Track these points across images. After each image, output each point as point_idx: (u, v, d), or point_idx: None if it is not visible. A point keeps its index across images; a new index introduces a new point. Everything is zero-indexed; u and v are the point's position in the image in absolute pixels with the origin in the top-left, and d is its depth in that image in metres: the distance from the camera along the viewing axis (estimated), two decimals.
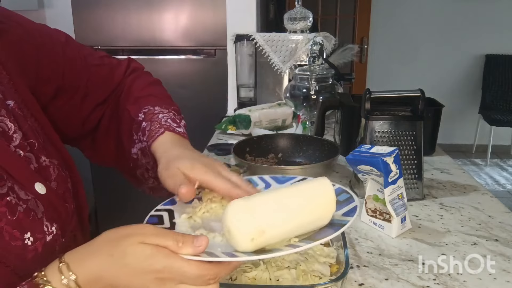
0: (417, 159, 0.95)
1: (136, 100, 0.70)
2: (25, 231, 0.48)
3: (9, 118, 0.53)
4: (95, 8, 2.09)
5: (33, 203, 0.50)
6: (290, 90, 1.38)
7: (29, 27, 0.64)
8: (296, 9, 1.62)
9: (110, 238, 0.45)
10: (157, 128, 0.64)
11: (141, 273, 0.43)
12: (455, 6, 4.06)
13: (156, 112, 0.68)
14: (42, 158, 0.55)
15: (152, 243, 0.43)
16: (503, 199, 2.38)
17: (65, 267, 0.43)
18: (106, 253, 0.44)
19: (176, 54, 2.13)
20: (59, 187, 0.56)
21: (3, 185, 0.48)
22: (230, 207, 0.47)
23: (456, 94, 4.23)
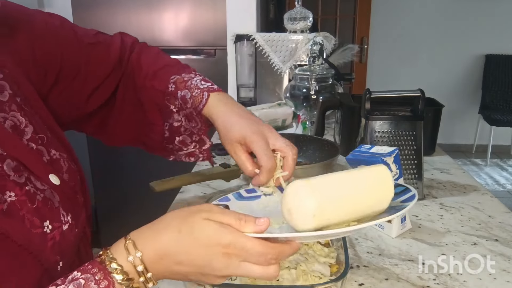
0: (417, 159, 0.95)
1: (155, 74, 0.72)
2: (44, 219, 0.49)
3: (20, 113, 0.54)
4: (95, 8, 2.09)
5: (49, 193, 0.52)
6: (290, 90, 1.38)
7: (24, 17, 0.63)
8: (296, 9, 1.62)
9: (177, 215, 0.47)
10: (199, 93, 0.69)
11: (207, 246, 0.44)
12: (455, 6, 4.05)
13: (186, 79, 0.71)
14: (53, 152, 0.57)
15: (217, 220, 0.45)
16: (503, 199, 2.38)
17: (131, 245, 0.45)
18: (174, 229, 0.45)
19: (176, 54, 2.12)
20: (70, 179, 0.57)
21: (21, 175, 0.49)
22: (291, 186, 0.47)
23: (456, 94, 4.23)
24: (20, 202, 0.47)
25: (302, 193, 0.46)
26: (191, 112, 0.70)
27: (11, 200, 0.47)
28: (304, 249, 0.64)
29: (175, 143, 0.74)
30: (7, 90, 0.54)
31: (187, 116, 0.72)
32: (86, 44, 0.70)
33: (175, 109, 0.71)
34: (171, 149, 0.76)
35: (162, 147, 0.76)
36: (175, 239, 0.45)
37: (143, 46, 0.79)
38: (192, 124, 0.72)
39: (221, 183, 1.01)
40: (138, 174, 1.75)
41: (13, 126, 0.53)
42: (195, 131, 0.73)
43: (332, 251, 0.65)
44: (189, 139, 0.74)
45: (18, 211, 0.47)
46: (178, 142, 0.74)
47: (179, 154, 0.77)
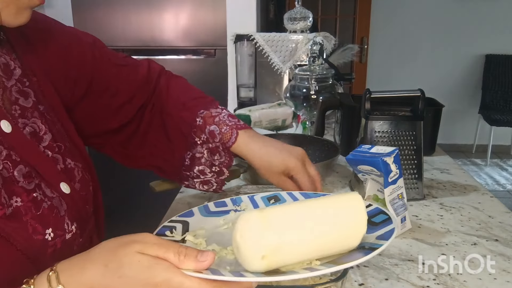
0: (417, 159, 0.95)
1: (185, 105, 0.76)
2: (47, 227, 0.50)
3: (41, 120, 0.57)
4: (95, 8, 2.09)
5: (57, 201, 0.53)
6: (290, 90, 1.38)
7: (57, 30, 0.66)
8: (296, 9, 1.62)
9: (108, 247, 0.43)
10: (228, 130, 0.74)
11: (135, 285, 0.40)
12: (455, 6, 4.06)
13: (214, 115, 0.75)
14: (68, 161, 0.58)
15: (151, 254, 0.40)
16: (503, 199, 2.38)
17: (54, 277, 0.42)
18: (101, 262, 0.41)
19: (176, 54, 2.13)
20: (81, 189, 0.59)
21: (30, 182, 0.50)
22: (241, 218, 0.42)
23: (456, 94, 4.23)
24: (25, 208, 0.49)
25: (251, 230, 0.41)
26: (217, 146, 0.74)
27: (17, 205, 0.48)
28: None
29: (194, 171, 0.77)
30: (31, 97, 0.57)
31: (211, 150, 0.75)
32: (117, 64, 0.74)
33: (200, 141, 0.75)
34: (187, 176, 0.78)
35: (178, 173, 0.79)
36: (100, 275, 0.41)
37: (171, 74, 0.82)
38: (215, 157, 0.76)
39: None
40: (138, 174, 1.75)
41: (32, 132, 0.55)
42: (216, 163, 0.76)
43: None
44: (208, 170, 0.77)
45: (22, 216, 0.48)
46: (197, 171, 0.77)
47: (194, 181, 0.79)
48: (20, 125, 0.54)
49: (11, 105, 0.54)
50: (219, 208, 0.62)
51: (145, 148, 0.77)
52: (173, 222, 0.56)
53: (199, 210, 0.61)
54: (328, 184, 1.03)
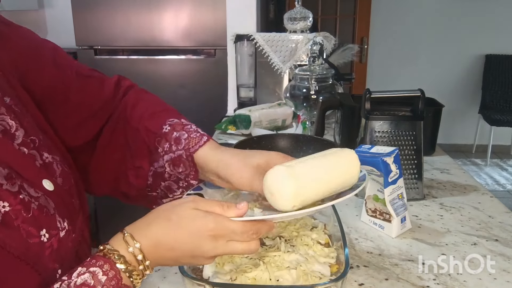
0: (417, 159, 0.95)
1: (153, 115, 0.70)
2: (40, 228, 0.48)
3: (10, 116, 0.53)
4: (95, 8, 2.09)
5: (44, 200, 0.51)
6: (290, 90, 1.38)
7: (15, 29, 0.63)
8: (296, 9, 1.62)
9: (166, 207, 0.52)
10: (199, 136, 0.67)
11: (196, 232, 0.49)
12: (455, 6, 4.06)
13: (186, 124, 0.69)
14: (45, 155, 0.55)
15: (202, 209, 0.50)
16: (503, 199, 2.38)
17: (129, 237, 0.49)
18: (165, 218, 0.50)
19: (176, 54, 2.13)
20: (64, 183, 0.56)
21: (14, 184, 0.48)
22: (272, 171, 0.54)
23: (456, 94, 4.23)
24: (15, 211, 0.46)
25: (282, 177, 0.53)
26: (180, 155, 0.66)
27: (5, 210, 0.45)
28: (304, 250, 0.64)
29: (161, 188, 0.70)
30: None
31: (174, 161, 0.67)
32: (80, 74, 0.69)
33: (162, 152, 0.68)
34: (154, 197, 0.72)
35: (144, 195, 0.72)
36: (166, 228, 0.49)
37: (142, 90, 0.76)
38: (179, 169, 0.67)
39: None
40: None
41: (3, 130, 0.51)
42: (182, 177, 0.68)
43: (332, 251, 0.65)
44: (175, 185, 0.69)
45: (13, 221, 0.46)
46: (163, 188, 0.70)
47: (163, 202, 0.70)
48: None
49: None
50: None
51: (104, 171, 0.71)
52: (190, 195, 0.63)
53: (204, 185, 0.68)
54: None
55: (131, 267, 0.47)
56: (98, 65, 2.15)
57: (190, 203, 0.51)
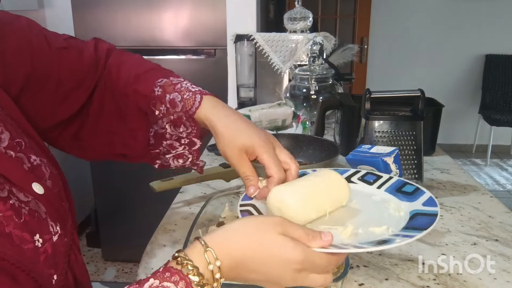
0: (417, 159, 0.95)
1: (139, 77, 0.68)
2: (34, 233, 0.47)
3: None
4: (95, 8, 2.09)
5: (34, 204, 0.49)
6: (290, 90, 1.38)
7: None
8: (296, 9, 1.62)
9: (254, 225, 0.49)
10: (191, 95, 0.65)
11: (283, 262, 0.47)
12: (455, 6, 4.06)
13: (176, 83, 0.67)
14: (32, 157, 0.53)
15: (290, 235, 0.48)
16: (503, 199, 2.38)
17: (211, 254, 0.46)
18: (253, 240, 0.47)
19: (176, 54, 2.13)
20: (54, 186, 0.54)
21: (2, 189, 0.46)
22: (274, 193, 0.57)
23: (456, 94, 4.23)
24: (6, 218, 0.44)
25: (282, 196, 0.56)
26: (180, 116, 0.66)
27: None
28: None
29: (163, 146, 0.70)
30: None
31: (174, 122, 0.67)
32: (57, 48, 0.66)
33: (160, 114, 0.67)
34: (157, 154, 0.71)
35: (146, 154, 0.72)
36: (252, 251, 0.47)
37: (122, 52, 0.74)
38: (180, 129, 0.68)
39: (221, 183, 1.01)
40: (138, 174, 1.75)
41: None
42: (184, 135, 0.68)
43: None
44: (177, 143, 0.70)
45: (4, 228, 0.44)
46: (165, 145, 0.70)
47: (166, 158, 0.72)
48: None
49: None
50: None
51: (99, 136, 0.70)
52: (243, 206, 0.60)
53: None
54: None
55: (204, 280, 0.45)
56: None
57: (278, 227, 0.48)
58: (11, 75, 0.60)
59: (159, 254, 0.76)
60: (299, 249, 0.47)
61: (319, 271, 0.48)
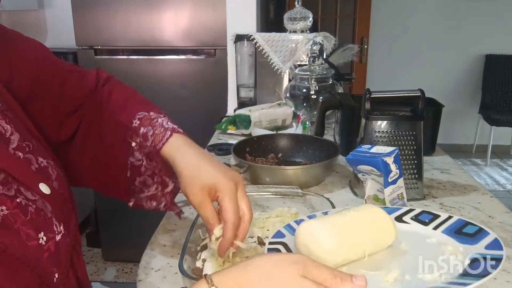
0: (417, 159, 0.95)
1: (123, 108, 0.69)
2: (38, 231, 0.48)
3: (5, 120, 0.53)
4: (95, 8, 2.09)
5: (41, 203, 0.50)
6: (290, 90, 1.38)
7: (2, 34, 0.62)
8: (296, 9, 1.62)
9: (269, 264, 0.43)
10: (162, 131, 0.65)
11: None
12: (455, 6, 4.06)
13: (153, 117, 0.67)
14: (40, 159, 0.55)
15: (312, 278, 0.42)
16: (503, 199, 2.38)
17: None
18: (268, 281, 0.42)
19: (176, 54, 2.13)
20: (60, 187, 0.56)
21: (10, 188, 0.48)
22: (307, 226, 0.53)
23: (456, 94, 4.23)
24: (13, 215, 0.46)
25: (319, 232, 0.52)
26: (151, 151, 0.66)
27: (4, 213, 0.45)
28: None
29: (136, 183, 0.69)
30: None
31: (148, 155, 0.67)
32: (63, 69, 0.68)
33: (136, 146, 0.67)
34: (132, 190, 0.70)
35: (123, 188, 0.70)
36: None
37: (119, 82, 0.75)
38: (153, 164, 0.68)
39: None
40: None
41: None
42: (156, 172, 0.68)
43: None
44: (150, 180, 0.69)
45: (13, 224, 0.46)
46: (138, 183, 0.69)
47: (140, 197, 0.70)
48: None
49: None
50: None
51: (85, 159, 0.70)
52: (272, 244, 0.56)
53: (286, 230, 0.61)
54: (328, 184, 1.03)
55: None
56: (98, 65, 2.15)
57: (299, 267, 0.42)
58: (18, 79, 0.61)
59: (159, 254, 0.76)
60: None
61: None
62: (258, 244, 0.68)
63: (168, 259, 0.74)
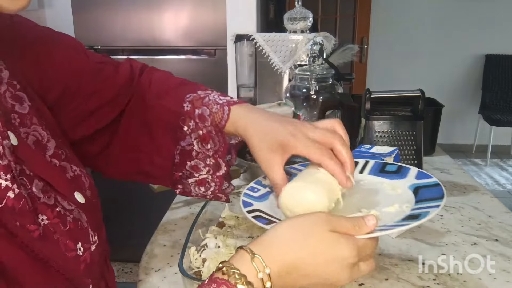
0: (417, 159, 0.95)
1: (168, 93, 0.68)
2: (76, 241, 0.47)
3: (42, 126, 0.52)
4: (95, 8, 2.09)
5: (77, 213, 0.50)
6: (290, 90, 1.38)
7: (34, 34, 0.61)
8: (296, 9, 1.62)
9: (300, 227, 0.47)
10: (219, 108, 0.64)
11: (340, 262, 0.45)
12: (455, 6, 4.06)
13: (203, 96, 0.66)
14: (73, 167, 0.54)
15: (339, 231, 0.46)
16: (503, 199, 2.38)
17: (259, 261, 0.44)
18: (303, 243, 0.45)
19: (176, 54, 2.13)
20: (92, 196, 0.55)
21: (50, 196, 0.47)
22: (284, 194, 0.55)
23: (456, 94, 4.23)
24: (53, 225, 0.45)
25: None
26: (209, 131, 0.65)
27: (44, 224, 0.45)
28: None
29: (186, 168, 0.67)
30: (26, 102, 0.51)
31: (202, 138, 0.65)
32: (95, 62, 0.67)
33: (189, 130, 0.65)
34: (179, 177, 0.69)
35: (169, 175, 0.69)
36: (305, 253, 0.45)
37: (154, 69, 0.74)
38: (208, 146, 0.66)
39: None
40: None
41: (36, 141, 0.50)
42: (210, 154, 0.66)
43: None
44: (202, 163, 0.67)
45: (52, 234, 0.45)
46: (189, 168, 0.67)
47: (187, 183, 0.69)
48: (22, 135, 0.49)
49: (10, 113, 0.49)
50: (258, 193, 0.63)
51: (127, 152, 0.68)
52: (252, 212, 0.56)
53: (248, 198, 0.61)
54: None
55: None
56: None
57: (325, 225, 0.46)
58: (48, 83, 0.59)
59: (159, 254, 0.76)
60: (351, 244, 0.45)
61: (367, 258, 0.48)
62: None
63: (168, 259, 0.74)
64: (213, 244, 0.70)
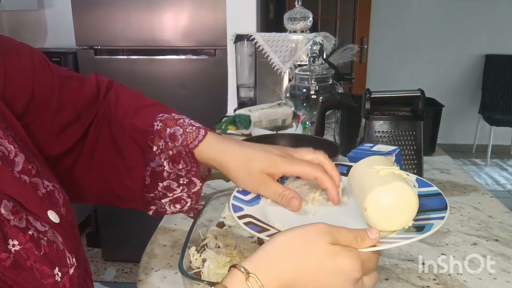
0: (417, 159, 0.95)
1: (138, 111, 0.65)
2: (53, 266, 0.43)
3: (8, 139, 0.47)
4: (95, 8, 2.09)
5: (51, 234, 0.45)
6: (290, 90, 1.38)
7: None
8: (296, 9, 1.62)
9: (297, 240, 0.44)
10: (195, 130, 0.62)
11: (342, 277, 0.43)
12: (455, 6, 4.06)
13: (178, 118, 0.64)
14: (45, 183, 0.50)
15: (341, 243, 0.44)
16: (503, 199, 2.38)
17: (254, 281, 0.41)
18: (301, 257, 0.43)
19: (176, 54, 2.13)
20: (67, 213, 0.51)
21: (20, 218, 0.42)
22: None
23: (456, 94, 4.23)
24: (26, 250, 0.41)
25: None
26: (179, 151, 0.61)
27: (16, 250, 0.40)
28: None
29: (158, 189, 0.64)
30: None
31: (172, 158, 0.62)
32: (60, 75, 0.63)
33: (158, 150, 0.62)
34: (151, 198, 0.65)
35: (140, 197, 0.66)
36: (305, 269, 0.43)
37: (122, 86, 0.71)
38: (179, 166, 0.62)
39: (221, 183, 1.01)
40: None
41: (2, 156, 0.45)
42: (183, 174, 0.63)
43: None
44: (175, 184, 0.64)
45: (26, 261, 0.41)
46: (162, 188, 0.64)
47: (161, 203, 0.66)
48: None
49: None
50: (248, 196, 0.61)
51: (94, 172, 0.65)
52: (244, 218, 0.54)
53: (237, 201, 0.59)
54: None
55: None
56: (98, 65, 2.15)
57: (327, 236, 0.43)
58: (14, 91, 0.57)
59: (159, 254, 0.76)
60: (354, 257, 0.43)
61: (370, 272, 0.46)
62: (258, 244, 0.68)
63: (168, 259, 0.74)
64: (213, 244, 0.70)
